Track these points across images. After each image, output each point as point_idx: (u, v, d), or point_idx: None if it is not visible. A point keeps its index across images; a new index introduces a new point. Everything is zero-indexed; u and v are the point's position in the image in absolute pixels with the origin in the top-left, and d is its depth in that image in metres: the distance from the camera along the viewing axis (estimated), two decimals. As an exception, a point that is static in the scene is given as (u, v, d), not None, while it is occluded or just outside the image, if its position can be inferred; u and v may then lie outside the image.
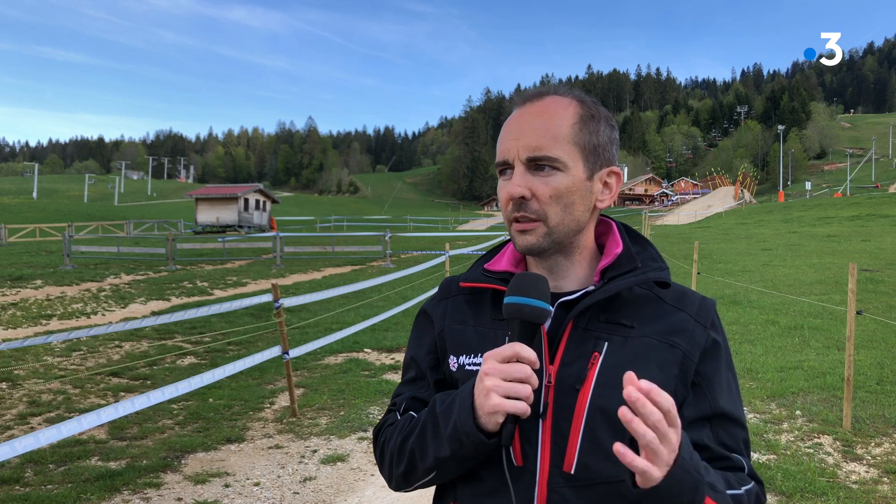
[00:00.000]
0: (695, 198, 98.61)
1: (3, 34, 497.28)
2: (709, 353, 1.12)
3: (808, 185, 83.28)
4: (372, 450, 5.48)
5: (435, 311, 1.26)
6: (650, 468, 0.89)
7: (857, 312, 5.59)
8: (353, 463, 5.23)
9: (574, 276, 1.17)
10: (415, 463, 1.12)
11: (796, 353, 8.19)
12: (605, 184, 1.17)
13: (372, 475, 5.00)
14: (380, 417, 6.50)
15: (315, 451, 5.47)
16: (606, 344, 1.09)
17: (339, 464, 5.20)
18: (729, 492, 1.03)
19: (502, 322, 1.15)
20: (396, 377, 7.86)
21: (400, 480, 1.17)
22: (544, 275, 1.13)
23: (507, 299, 1.07)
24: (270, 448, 5.56)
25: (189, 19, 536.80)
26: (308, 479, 4.90)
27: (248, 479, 4.92)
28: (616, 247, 1.17)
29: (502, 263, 1.22)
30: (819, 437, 5.40)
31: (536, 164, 1.10)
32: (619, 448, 0.89)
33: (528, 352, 1.01)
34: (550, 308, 1.07)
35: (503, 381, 1.00)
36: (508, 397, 1.00)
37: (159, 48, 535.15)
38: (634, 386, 0.87)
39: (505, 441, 1.02)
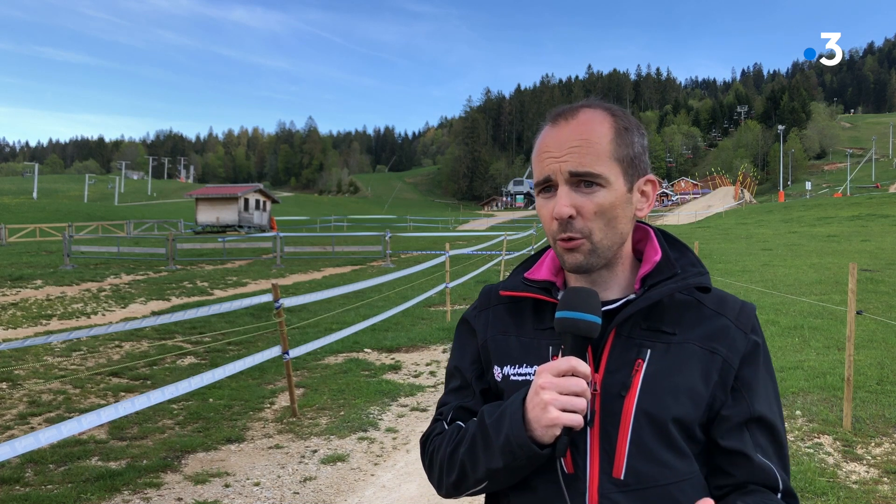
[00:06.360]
0: (695, 198, 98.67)
1: (3, 34, 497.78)
2: (748, 358, 1.13)
3: (808, 185, 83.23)
4: (368, 450, 5.42)
5: (477, 321, 1.28)
6: None
7: (858, 312, 5.59)
8: (353, 463, 5.23)
9: (615, 285, 1.18)
10: (465, 473, 1.14)
11: (796, 353, 8.19)
12: (643, 193, 1.18)
13: (372, 475, 5.00)
14: (380, 417, 6.51)
15: (315, 451, 5.47)
16: (649, 351, 1.10)
17: (339, 464, 5.20)
18: None
19: (544, 331, 1.17)
20: (397, 377, 7.86)
21: (451, 489, 1.19)
22: (586, 285, 1.15)
23: (559, 314, 1.08)
24: (270, 448, 5.56)
25: (189, 19, 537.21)
26: (308, 479, 4.90)
27: (248, 479, 4.92)
28: (655, 254, 1.18)
29: (542, 272, 1.23)
30: (819, 437, 5.40)
31: (581, 181, 1.10)
32: None
33: (583, 366, 1.03)
34: (600, 321, 1.07)
35: (560, 394, 1.02)
36: (565, 410, 1.02)
37: (159, 48, 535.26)
38: None
39: (559, 452, 1.04)
